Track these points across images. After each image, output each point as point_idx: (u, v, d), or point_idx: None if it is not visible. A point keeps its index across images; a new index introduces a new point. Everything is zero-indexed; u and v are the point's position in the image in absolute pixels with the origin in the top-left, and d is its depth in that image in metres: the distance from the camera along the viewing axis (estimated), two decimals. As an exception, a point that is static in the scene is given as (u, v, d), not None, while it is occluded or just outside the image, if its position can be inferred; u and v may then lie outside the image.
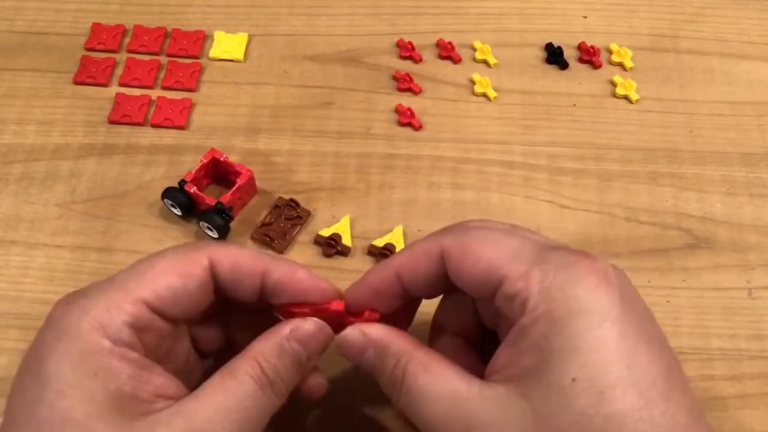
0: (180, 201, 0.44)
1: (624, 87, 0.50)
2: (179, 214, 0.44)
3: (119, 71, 0.51)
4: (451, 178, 0.47)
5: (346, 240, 0.44)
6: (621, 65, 0.52)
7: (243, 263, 0.32)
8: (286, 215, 0.45)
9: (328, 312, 0.32)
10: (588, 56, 0.52)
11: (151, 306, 0.30)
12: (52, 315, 0.30)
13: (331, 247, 0.44)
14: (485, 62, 0.52)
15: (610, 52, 0.52)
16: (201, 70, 0.51)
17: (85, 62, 0.51)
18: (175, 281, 0.30)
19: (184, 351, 0.33)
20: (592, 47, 0.52)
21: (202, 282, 0.31)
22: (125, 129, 0.48)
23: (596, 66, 0.51)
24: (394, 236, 0.44)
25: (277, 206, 0.45)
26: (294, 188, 0.46)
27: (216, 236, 0.44)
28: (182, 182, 0.44)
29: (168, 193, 0.44)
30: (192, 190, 0.44)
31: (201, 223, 0.44)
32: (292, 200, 0.45)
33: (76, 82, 0.50)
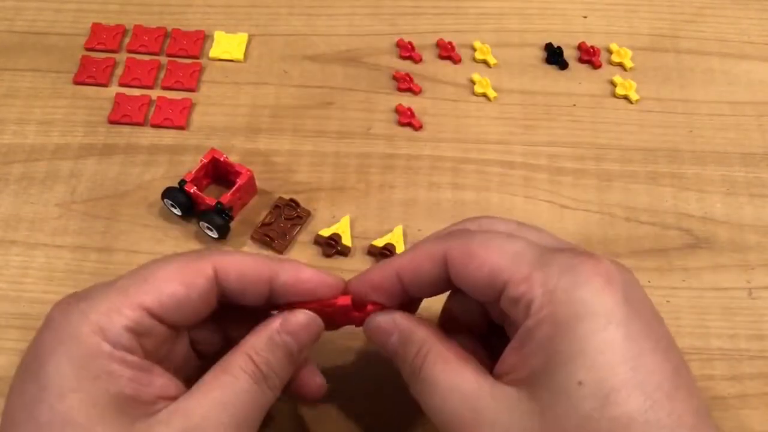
0: (180, 201, 0.44)
1: (624, 87, 0.50)
2: (179, 214, 0.44)
3: (119, 71, 0.51)
4: (451, 178, 0.47)
5: (346, 240, 0.44)
6: (621, 65, 0.52)
7: (249, 270, 0.32)
8: (286, 215, 0.45)
9: (335, 307, 0.32)
10: (588, 56, 0.52)
11: (152, 312, 0.30)
12: (51, 316, 0.30)
13: (331, 247, 0.44)
14: (485, 62, 0.52)
15: (610, 52, 0.52)
16: (201, 70, 0.51)
17: (85, 62, 0.51)
18: (178, 289, 0.30)
19: (182, 352, 0.32)
20: (592, 47, 0.52)
21: (205, 291, 0.31)
22: (125, 129, 0.48)
23: (596, 66, 0.51)
24: (394, 236, 0.44)
25: (277, 206, 0.45)
26: (294, 188, 0.46)
27: (216, 236, 0.44)
28: (182, 182, 0.44)
29: (168, 193, 0.44)
30: (192, 190, 0.44)
31: (201, 223, 0.44)
32: (292, 200, 0.45)
33: (76, 82, 0.50)
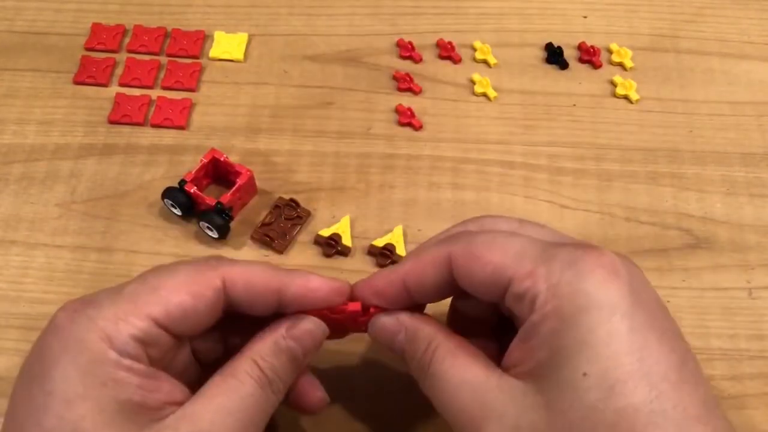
0: (180, 201, 0.44)
1: (624, 87, 0.50)
2: (179, 214, 0.44)
3: (119, 71, 0.51)
4: (451, 178, 0.47)
5: (346, 240, 0.44)
6: (621, 65, 0.52)
7: (257, 282, 0.31)
8: (286, 215, 0.45)
9: (345, 313, 0.32)
10: (588, 56, 0.52)
11: (159, 323, 0.30)
12: (56, 320, 0.29)
13: (331, 247, 0.44)
14: (485, 62, 0.52)
15: (610, 52, 0.52)
16: (201, 70, 0.51)
17: (85, 62, 0.51)
18: (186, 301, 0.30)
19: (183, 360, 0.32)
20: (592, 47, 0.52)
21: (212, 303, 0.31)
22: (125, 129, 0.48)
23: (596, 66, 0.51)
24: (394, 236, 0.44)
25: (277, 206, 0.45)
26: (294, 188, 0.46)
27: (216, 236, 0.44)
28: (182, 182, 0.44)
29: (168, 193, 0.44)
30: (192, 190, 0.44)
31: (201, 223, 0.44)
32: (292, 200, 0.45)
33: (76, 82, 0.50)
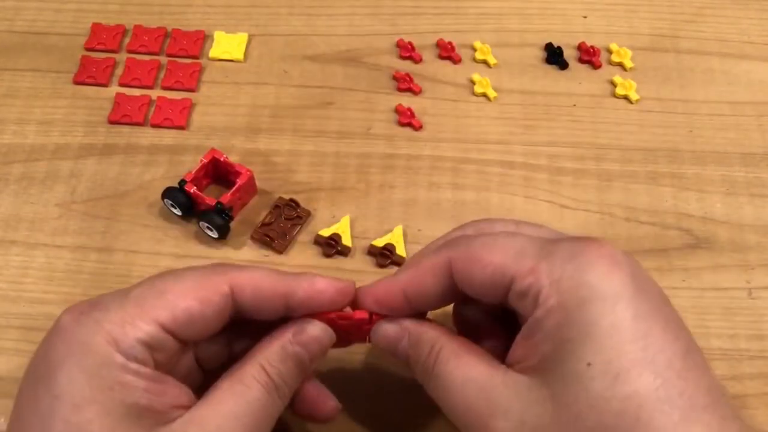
0: (180, 201, 0.44)
1: (624, 87, 0.50)
2: (179, 214, 0.44)
3: (119, 71, 0.51)
4: (451, 178, 0.47)
5: (346, 240, 0.44)
6: (621, 65, 0.52)
7: (265, 287, 0.31)
8: (286, 215, 0.45)
9: (352, 320, 0.33)
10: (588, 56, 0.52)
11: (165, 327, 0.30)
12: (62, 324, 0.29)
13: (331, 247, 0.44)
14: (485, 62, 0.52)
15: (610, 52, 0.52)
16: (201, 70, 0.51)
17: (85, 62, 0.51)
18: (194, 306, 0.30)
19: (187, 366, 0.32)
20: (592, 47, 0.52)
21: (220, 308, 0.31)
22: (125, 129, 0.48)
23: (596, 66, 0.51)
24: (394, 236, 0.44)
25: (277, 206, 0.45)
26: (294, 188, 0.46)
27: (216, 236, 0.44)
28: (182, 182, 0.44)
29: (168, 193, 0.44)
30: (192, 190, 0.44)
31: (201, 223, 0.44)
32: (292, 200, 0.45)
33: (76, 82, 0.50)
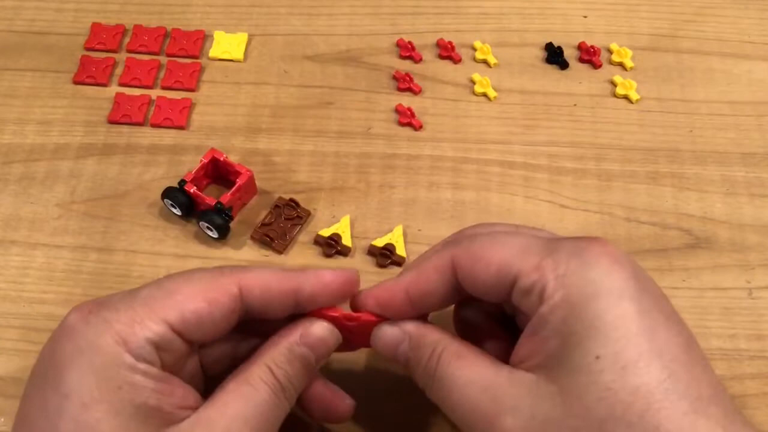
0: (180, 201, 0.44)
1: (624, 87, 0.50)
2: (179, 214, 0.44)
3: (119, 71, 0.51)
4: (451, 178, 0.47)
5: (346, 240, 0.44)
6: (621, 65, 0.52)
7: (273, 287, 0.31)
8: (286, 215, 0.45)
9: (359, 321, 0.33)
10: (588, 56, 0.52)
11: (174, 328, 0.30)
12: (70, 324, 0.29)
13: (331, 247, 0.44)
14: (485, 62, 0.52)
15: (610, 52, 0.52)
16: (201, 70, 0.51)
17: (85, 62, 0.51)
18: (203, 307, 0.30)
19: (191, 369, 0.32)
20: (592, 47, 0.52)
21: (228, 310, 0.31)
22: (125, 129, 0.48)
23: (596, 66, 0.51)
24: (394, 236, 0.44)
25: (277, 206, 0.45)
26: (294, 188, 0.46)
27: (216, 236, 0.44)
28: (182, 182, 0.44)
29: (168, 193, 0.44)
30: (192, 190, 0.44)
31: (201, 223, 0.44)
32: (292, 200, 0.45)
33: (76, 82, 0.50)
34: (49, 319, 0.41)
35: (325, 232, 0.44)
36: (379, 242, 0.44)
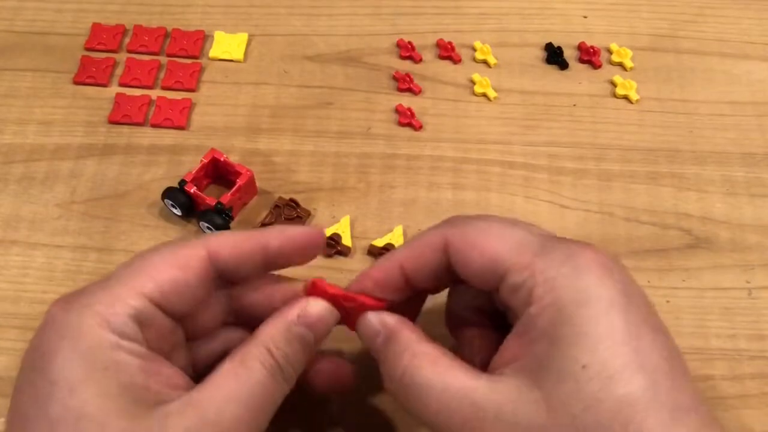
0: (180, 201, 0.44)
1: (624, 87, 0.50)
2: (179, 214, 0.44)
3: (119, 71, 0.51)
4: (451, 178, 0.47)
5: (346, 240, 0.44)
6: (621, 65, 0.52)
7: (240, 246, 0.32)
8: (286, 215, 0.45)
9: (356, 302, 0.32)
10: (588, 56, 0.52)
11: (153, 300, 0.30)
12: (51, 314, 0.30)
13: (331, 247, 0.44)
14: (485, 62, 0.52)
15: (610, 52, 0.52)
16: (201, 70, 0.51)
17: (85, 62, 0.51)
18: (176, 274, 0.30)
19: (181, 363, 0.32)
20: (592, 47, 0.52)
21: (201, 273, 0.31)
22: (125, 129, 0.48)
23: (596, 66, 0.51)
24: (394, 236, 0.44)
25: (277, 206, 0.45)
26: (294, 188, 0.46)
27: (216, 236, 0.44)
28: (182, 182, 0.44)
29: (168, 193, 0.44)
30: (192, 190, 0.44)
31: (201, 223, 0.44)
32: (292, 200, 0.45)
33: (76, 82, 0.50)
34: (49, 319, 0.41)
35: (325, 233, 0.44)
36: (379, 242, 0.44)
